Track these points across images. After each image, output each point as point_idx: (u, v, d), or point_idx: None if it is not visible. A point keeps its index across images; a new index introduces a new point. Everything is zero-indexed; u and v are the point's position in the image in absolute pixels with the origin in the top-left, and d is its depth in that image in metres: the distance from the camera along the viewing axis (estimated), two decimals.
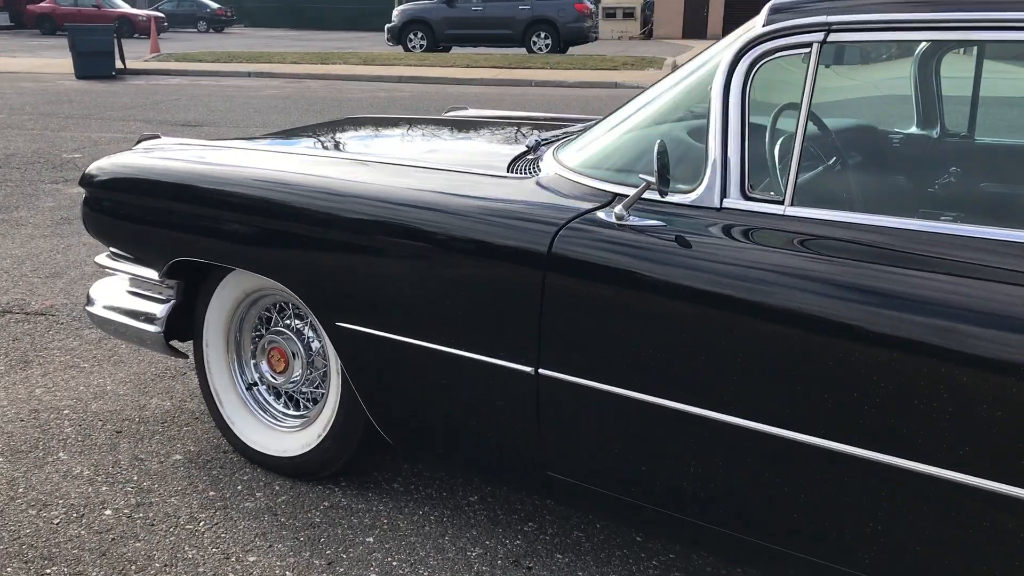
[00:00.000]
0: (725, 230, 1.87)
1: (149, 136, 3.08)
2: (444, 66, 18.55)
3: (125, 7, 32.83)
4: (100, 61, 16.48)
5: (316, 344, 2.65)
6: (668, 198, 1.96)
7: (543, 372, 2.05)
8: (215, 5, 39.75)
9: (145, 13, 32.74)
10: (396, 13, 22.82)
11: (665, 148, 1.87)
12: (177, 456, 2.89)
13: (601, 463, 2.07)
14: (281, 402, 2.83)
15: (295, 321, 2.69)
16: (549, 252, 1.99)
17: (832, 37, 1.80)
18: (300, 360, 2.67)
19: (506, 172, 2.36)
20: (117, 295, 2.95)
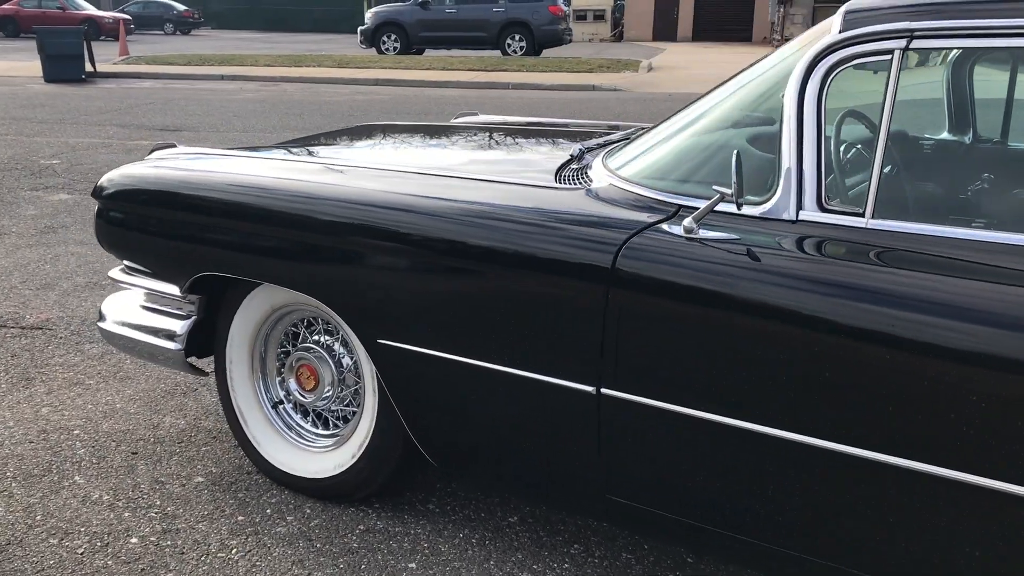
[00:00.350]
0: (803, 244, 1.80)
1: (163, 145, 2.96)
2: (420, 69, 18.41)
3: (91, 9, 32.32)
4: (70, 64, 16.18)
5: (347, 360, 2.55)
6: (746, 211, 1.88)
7: (606, 392, 1.96)
8: (181, 7, 39.19)
9: (112, 15, 32.21)
10: (369, 15, 22.64)
11: (741, 159, 1.79)
12: (199, 478, 2.77)
13: (666, 486, 1.99)
14: (308, 421, 2.72)
15: (324, 337, 2.59)
16: (613, 267, 1.91)
17: (915, 44, 1.74)
18: (331, 377, 2.56)
19: (555, 182, 2.28)
20: (132, 311, 2.83)
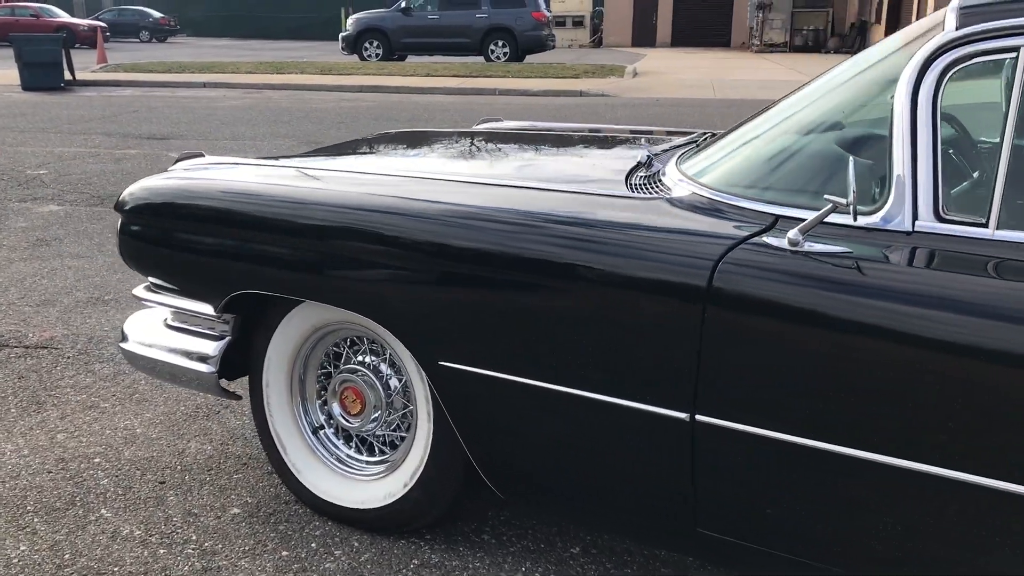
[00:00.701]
0: (923, 257, 1.66)
1: (190, 155, 2.78)
2: (404, 75, 18.22)
3: (65, 17, 31.90)
4: (48, 72, 15.91)
5: (395, 382, 2.39)
6: (846, 220, 1.74)
7: (700, 419, 1.82)
8: (158, 15, 38.71)
9: (88, 23, 31.82)
10: (351, 22, 22.42)
11: (857, 165, 1.66)
12: (235, 509, 2.59)
13: (764, 519, 1.85)
14: (352, 447, 2.56)
15: (370, 357, 2.43)
16: (709, 284, 1.76)
17: None
18: (379, 400, 2.40)
19: (628, 191, 2.13)
20: (158, 331, 2.65)
